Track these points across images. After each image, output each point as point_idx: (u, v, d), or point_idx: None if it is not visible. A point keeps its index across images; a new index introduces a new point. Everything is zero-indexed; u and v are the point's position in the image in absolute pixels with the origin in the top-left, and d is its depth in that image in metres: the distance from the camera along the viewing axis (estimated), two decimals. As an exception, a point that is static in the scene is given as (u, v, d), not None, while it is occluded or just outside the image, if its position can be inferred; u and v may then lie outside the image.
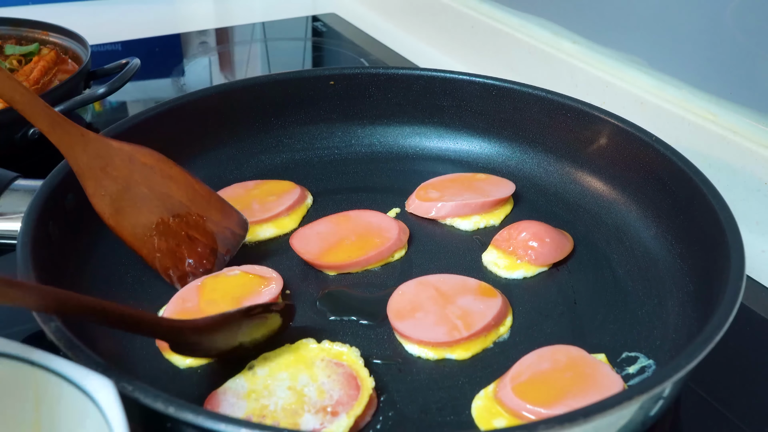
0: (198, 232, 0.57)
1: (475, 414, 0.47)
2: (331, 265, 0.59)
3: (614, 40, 0.82)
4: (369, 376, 0.47)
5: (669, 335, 0.52)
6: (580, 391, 0.45)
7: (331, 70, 0.74)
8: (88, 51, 0.86)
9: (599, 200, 0.67)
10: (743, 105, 0.69)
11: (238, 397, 0.46)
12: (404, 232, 0.63)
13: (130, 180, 0.55)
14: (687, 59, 0.74)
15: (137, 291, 0.56)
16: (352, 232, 0.62)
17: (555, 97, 0.69)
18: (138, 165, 0.56)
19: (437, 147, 0.75)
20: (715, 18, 0.70)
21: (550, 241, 0.60)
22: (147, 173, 0.56)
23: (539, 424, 0.36)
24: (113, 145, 0.55)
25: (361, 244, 0.61)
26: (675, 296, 0.55)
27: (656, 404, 0.43)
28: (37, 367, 0.37)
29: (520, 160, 0.73)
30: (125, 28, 1.12)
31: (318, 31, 1.23)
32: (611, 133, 0.66)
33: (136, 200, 0.55)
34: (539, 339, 0.53)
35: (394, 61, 1.08)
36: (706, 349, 0.42)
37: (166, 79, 1.03)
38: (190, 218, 0.57)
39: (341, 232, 0.62)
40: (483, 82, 0.72)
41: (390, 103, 0.75)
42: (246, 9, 1.31)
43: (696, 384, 0.52)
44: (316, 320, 0.55)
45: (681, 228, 0.58)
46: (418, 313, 0.53)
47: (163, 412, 0.37)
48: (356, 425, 0.45)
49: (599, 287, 0.59)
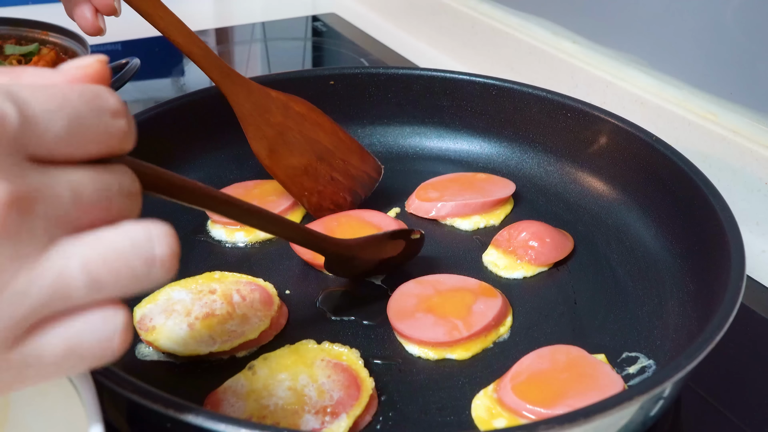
0: (340, 174, 0.64)
1: (475, 414, 0.47)
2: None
3: (614, 40, 0.82)
4: (369, 376, 0.47)
5: (669, 335, 0.52)
6: (580, 391, 0.45)
7: (331, 70, 0.74)
8: (88, 51, 0.86)
9: (599, 200, 0.67)
10: (743, 105, 0.69)
11: (238, 397, 0.46)
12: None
13: (285, 126, 0.62)
14: (687, 59, 0.74)
15: (137, 291, 0.56)
16: (351, 232, 0.62)
17: (555, 97, 0.69)
18: (292, 113, 0.62)
19: (437, 147, 0.75)
20: (715, 18, 0.70)
21: (550, 241, 0.60)
22: (299, 120, 0.63)
23: (539, 424, 0.36)
24: (272, 95, 0.62)
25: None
26: (675, 296, 0.55)
27: (656, 404, 0.43)
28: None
29: (520, 160, 0.73)
30: (125, 28, 1.11)
31: (318, 31, 1.23)
32: (611, 133, 0.66)
33: (289, 144, 0.62)
34: (539, 339, 0.53)
35: (394, 61, 1.08)
36: (706, 349, 0.41)
37: (166, 79, 1.03)
38: (334, 162, 0.64)
39: (341, 231, 0.62)
40: (483, 82, 0.72)
41: (390, 103, 0.75)
42: (246, 9, 1.30)
43: (696, 384, 0.52)
44: (316, 320, 0.55)
45: (681, 228, 0.58)
46: (418, 313, 0.53)
47: (163, 413, 0.37)
48: (356, 426, 0.45)
49: (599, 287, 0.59)
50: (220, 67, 0.61)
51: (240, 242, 0.63)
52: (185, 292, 0.54)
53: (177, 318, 0.52)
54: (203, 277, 0.56)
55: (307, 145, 0.63)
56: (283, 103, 0.63)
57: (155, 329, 0.51)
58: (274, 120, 0.62)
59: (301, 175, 0.63)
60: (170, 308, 0.53)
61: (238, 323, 0.52)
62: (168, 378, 0.49)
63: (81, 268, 0.27)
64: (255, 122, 0.61)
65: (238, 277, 0.57)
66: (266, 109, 0.62)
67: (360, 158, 0.66)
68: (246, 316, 0.52)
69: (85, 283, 0.27)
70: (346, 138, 0.65)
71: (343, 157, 0.64)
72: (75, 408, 0.33)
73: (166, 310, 0.53)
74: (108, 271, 0.27)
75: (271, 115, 0.62)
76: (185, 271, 0.58)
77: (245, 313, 0.53)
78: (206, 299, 0.54)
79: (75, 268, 0.27)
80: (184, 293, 0.54)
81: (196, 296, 0.54)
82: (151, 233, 0.28)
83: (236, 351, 0.51)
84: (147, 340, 0.51)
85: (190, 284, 0.55)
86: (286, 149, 0.62)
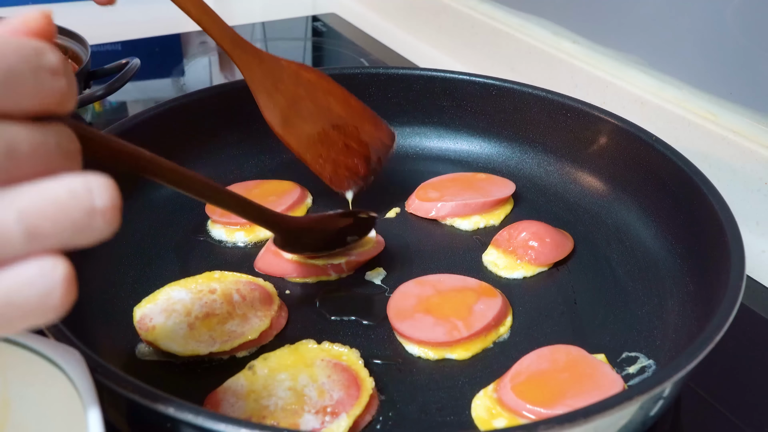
0: (354, 141, 0.63)
1: (475, 414, 0.47)
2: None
3: (614, 40, 0.82)
4: (369, 376, 0.47)
5: (669, 335, 0.52)
6: (580, 391, 0.45)
7: (331, 70, 0.74)
8: (88, 51, 0.86)
9: (599, 200, 0.67)
10: (743, 105, 0.69)
11: (238, 397, 0.46)
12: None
13: (296, 95, 0.61)
14: (687, 59, 0.74)
15: (137, 291, 0.56)
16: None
17: (555, 97, 0.69)
18: (303, 81, 0.62)
19: (437, 147, 0.75)
20: (715, 18, 0.70)
21: (550, 241, 0.60)
22: (310, 89, 0.62)
23: (539, 424, 0.36)
24: (283, 63, 0.62)
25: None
26: (675, 296, 0.55)
27: (656, 404, 0.43)
28: (4, 341, 0.36)
29: (520, 160, 0.73)
30: (125, 28, 1.12)
31: (318, 31, 1.23)
32: (611, 133, 0.66)
33: (301, 112, 0.61)
34: (539, 339, 0.53)
35: (394, 61, 1.08)
36: (706, 349, 0.41)
37: (166, 79, 1.03)
38: (347, 129, 0.63)
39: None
40: (483, 82, 0.72)
41: (390, 103, 0.75)
42: (246, 9, 1.31)
43: (696, 384, 0.52)
44: (316, 320, 0.55)
45: (681, 228, 0.58)
46: (418, 313, 0.53)
47: (163, 412, 0.37)
48: (356, 425, 0.45)
49: (599, 287, 0.59)
50: (231, 36, 0.60)
51: (240, 242, 0.63)
52: (185, 292, 0.54)
53: (177, 318, 0.52)
54: (203, 277, 0.56)
55: (319, 113, 0.62)
56: (294, 72, 0.62)
57: (155, 329, 0.51)
58: (286, 89, 0.61)
59: (315, 144, 0.62)
60: (170, 308, 0.53)
61: (238, 323, 0.52)
62: (168, 378, 0.49)
63: (17, 216, 0.27)
64: (267, 91, 0.61)
65: (238, 276, 0.57)
66: (278, 78, 0.61)
67: (373, 125, 0.65)
68: (246, 316, 0.52)
69: (21, 233, 0.26)
70: (357, 105, 0.65)
71: (356, 124, 0.64)
72: (75, 408, 0.33)
73: (166, 310, 0.53)
74: (46, 220, 0.27)
75: (283, 84, 0.61)
76: (185, 271, 0.58)
77: (245, 313, 0.53)
78: (206, 299, 0.54)
79: (11, 218, 0.26)
80: (183, 293, 0.54)
81: (196, 296, 0.54)
82: (90, 184, 0.28)
83: (236, 351, 0.51)
84: (147, 340, 0.51)
85: (189, 284, 0.55)
86: (298, 118, 0.61)
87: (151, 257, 0.60)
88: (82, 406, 0.33)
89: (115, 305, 0.54)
